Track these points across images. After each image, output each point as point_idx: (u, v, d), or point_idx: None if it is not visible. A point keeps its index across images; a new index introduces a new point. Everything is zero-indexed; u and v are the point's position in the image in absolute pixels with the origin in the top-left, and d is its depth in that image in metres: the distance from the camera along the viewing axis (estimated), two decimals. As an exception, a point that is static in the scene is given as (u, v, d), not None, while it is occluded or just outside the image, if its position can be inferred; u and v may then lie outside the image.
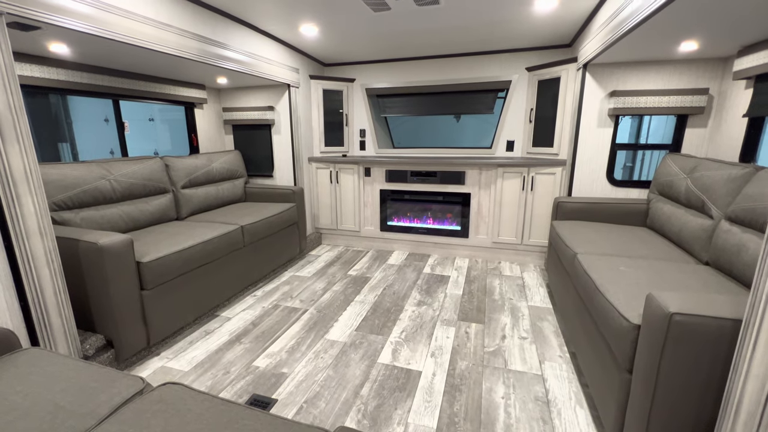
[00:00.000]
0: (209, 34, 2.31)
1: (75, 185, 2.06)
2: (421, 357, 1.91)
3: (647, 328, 1.05)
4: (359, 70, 3.75)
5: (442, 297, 2.62)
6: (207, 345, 2.03)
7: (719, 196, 1.71)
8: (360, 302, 2.54)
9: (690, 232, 1.83)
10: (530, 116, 3.25)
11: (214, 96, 3.52)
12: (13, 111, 1.36)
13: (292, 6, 2.30)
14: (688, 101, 2.35)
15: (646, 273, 1.54)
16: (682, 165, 2.13)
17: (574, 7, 2.29)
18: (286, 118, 3.39)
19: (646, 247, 1.93)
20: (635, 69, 2.49)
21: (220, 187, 3.12)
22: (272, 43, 2.95)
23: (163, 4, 1.99)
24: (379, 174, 3.54)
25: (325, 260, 3.42)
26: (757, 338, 0.77)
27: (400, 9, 2.29)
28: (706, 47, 2.07)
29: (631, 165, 4.58)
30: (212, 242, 2.23)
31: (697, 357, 0.96)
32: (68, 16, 1.54)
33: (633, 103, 2.47)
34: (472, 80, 3.41)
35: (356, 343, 2.04)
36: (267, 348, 2.00)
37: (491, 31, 2.74)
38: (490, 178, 3.21)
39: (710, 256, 1.66)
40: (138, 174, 2.42)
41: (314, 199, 3.79)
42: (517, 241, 3.21)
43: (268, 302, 2.55)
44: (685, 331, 0.95)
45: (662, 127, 4.05)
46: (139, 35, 1.85)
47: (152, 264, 1.83)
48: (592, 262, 1.69)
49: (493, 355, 1.92)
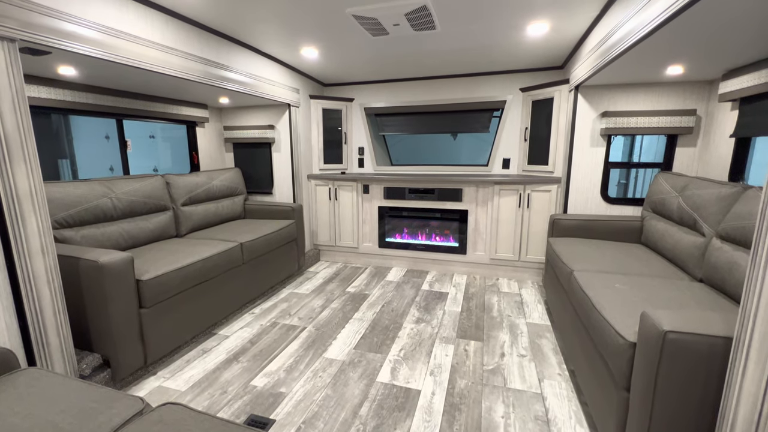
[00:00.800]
0: (213, 56, 2.38)
1: (77, 203, 2.08)
2: (420, 375, 1.90)
3: (642, 346, 1.07)
4: (358, 90, 3.85)
5: (441, 314, 2.62)
6: (204, 364, 2.02)
7: (710, 214, 1.75)
8: (358, 320, 2.53)
9: (683, 250, 1.87)
10: (525, 135, 3.32)
11: (216, 115, 3.59)
12: (22, 132, 1.39)
13: (293, 30, 2.39)
14: (677, 122, 2.43)
15: (641, 290, 1.56)
16: (673, 183, 2.19)
17: (565, 33, 2.39)
18: (286, 137, 3.45)
19: (641, 264, 1.95)
20: (625, 91, 2.57)
21: (219, 204, 3.15)
22: (274, 64, 3.04)
23: (170, 29, 2.06)
24: (378, 191, 3.59)
25: (323, 277, 3.42)
26: (747, 356, 0.79)
27: (398, 34, 2.38)
28: (691, 71, 2.16)
29: (625, 182, 4.66)
30: (211, 260, 2.24)
31: (692, 374, 0.97)
32: (78, 42, 1.60)
33: (624, 124, 2.55)
34: (468, 100, 3.51)
35: (355, 362, 2.03)
36: (265, 367, 1.98)
37: (486, 53, 2.84)
38: (487, 195, 3.25)
39: (704, 274, 1.68)
40: (139, 192, 2.45)
41: (313, 215, 3.82)
42: (514, 257, 3.24)
43: (266, 320, 2.54)
44: (679, 348, 0.97)
45: (654, 145, 4.15)
46: (146, 59, 1.91)
47: (152, 282, 1.84)
48: (588, 280, 1.72)
49: (493, 374, 1.92)
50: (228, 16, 2.16)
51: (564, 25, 2.25)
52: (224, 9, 2.05)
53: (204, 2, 1.95)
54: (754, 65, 1.86)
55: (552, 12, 2.07)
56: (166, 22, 2.03)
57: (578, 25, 2.26)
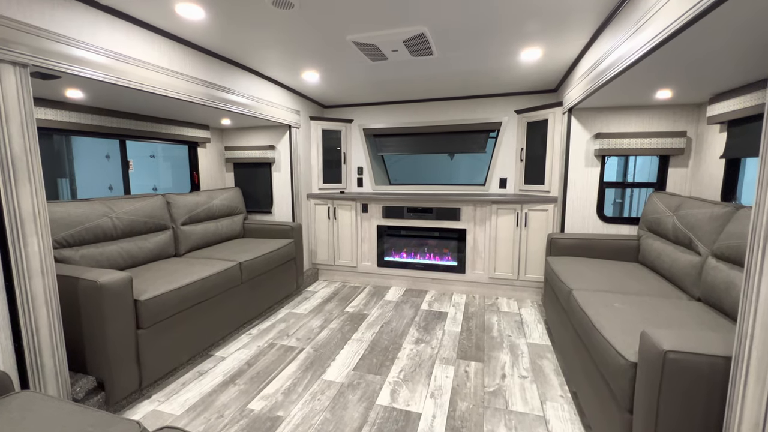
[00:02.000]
0: (217, 80, 2.45)
1: (78, 223, 2.09)
2: (421, 398, 1.87)
3: (643, 366, 1.07)
4: (357, 112, 3.93)
5: (441, 334, 2.59)
6: (200, 387, 1.98)
7: (704, 233, 1.78)
8: (357, 340, 2.50)
9: (680, 269, 1.88)
10: (521, 155, 3.39)
11: (217, 135, 3.65)
12: (28, 153, 1.42)
13: (295, 56, 2.47)
14: (668, 143, 2.49)
15: (640, 309, 1.57)
16: (667, 203, 2.23)
17: (557, 59, 2.48)
18: (287, 157, 3.50)
19: (640, 284, 1.96)
20: (617, 113, 2.65)
21: (219, 223, 3.16)
22: (275, 87, 3.12)
23: (176, 54, 2.13)
24: (376, 210, 3.61)
25: (322, 296, 3.39)
26: (747, 375, 0.79)
27: (396, 59, 2.47)
28: (679, 95, 2.24)
29: (621, 201, 4.72)
30: (210, 279, 2.24)
31: (694, 394, 0.97)
32: (87, 67, 1.65)
33: (617, 145, 2.61)
34: (465, 122, 3.59)
35: (354, 384, 1.99)
36: (262, 390, 1.95)
37: (482, 77, 2.93)
38: (485, 214, 3.28)
39: (701, 293, 1.69)
40: (140, 212, 2.46)
41: (312, 234, 3.82)
42: (513, 276, 3.24)
43: (264, 341, 2.51)
44: (680, 368, 0.97)
45: (648, 165, 4.23)
46: (153, 82, 1.97)
47: (150, 302, 1.83)
48: (587, 299, 1.72)
49: (494, 396, 1.89)
50: (232, 42, 2.24)
51: (556, 51, 2.34)
52: (229, 36, 2.13)
53: (210, 29, 2.03)
54: (739, 90, 1.94)
55: (544, 39, 2.16)
56: (172, 47, 2.10)
57: (570, 52, 2.36)
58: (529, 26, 1.98)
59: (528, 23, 1.94)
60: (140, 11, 1.80)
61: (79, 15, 1.62)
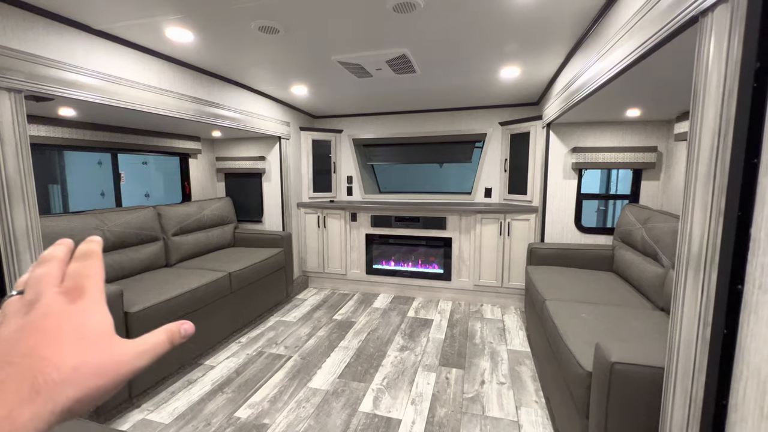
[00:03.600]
0: (206, 96, 2.53)
1: (69, 236, 2.13)
2: (402, 404, 1.95)
3: (596, 376, 1.16)
4: (347, 122, 4.03)
5: (425, 341, 2.68)
6: (189, 395, 2.04)
7: (667, 247, 1.89)
8: (344, 348, 2.58)
9: (647, 279, 1.99)
10: (505, 166, 3.50)
11: (208, 146, 3.72)
12: (22, 174, 1.49)
13: (283, 73, 2.56)
14: (641, 157, 2.61)
15: (606, 319, 1.66)
16: (637, 216, 2.34)
17: (535, 76, 2.59)
18: (277, 167, 3.57)
19: (610, 294, 2.07)
20: (593, 128, 2.77)
21: (210, 233, 3.22)
22: (264, 100, 3.20)
23: (166, 73, 2.21)
24: (365, 219, 3.70)
25: (311, 304, 3.47)
26: (675, 386, 0.89)
27: (381, 76, 2.56)
28: (648, 113, 2.36)
29: (605, 209, 4.85)
30: (200, 290, 2.30)
31: (637, 402, 1.07)
32: (79, 89, 1.72)
33: (593, 158, 2.73)
34: (451, 132, 3.70)
35: (338, 391, 2.07)
36: (249, 398, 2.01)
37: (466, 92, 3.04)
38: (470, 223, 3.38)
39: (664, 303, 1.80)
40: (131, 223, 2.52)
41: (302, 243, 3.90)
42: (497, 283, 3.34)
43: (253, 349, 2.57)
44: (625, 378, 1.07)
45: (628, 177, 4.36)
46: (143, 101, 2.04)
47: (140, 314, 1.89)
48: (558, 309, 1.82)
49: (472, 402, 1.98)
50: (221, 61, 2.32)
51: (533, 70, 2.45)
52: (218, 55, 2.21)
53: (199, 50, 2.11)
54: (701, 110, 2.06)
55: (521, 59, 2.27)
56: (162, 66, 2.18)
57: (546, 70, 2.47)
58: (507, 47, 2.09)
59: (506, 45, 2.05)
60: (131, 34, 1.88)
61: (72, 40, 1.70)
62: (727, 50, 0.76)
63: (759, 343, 0.72)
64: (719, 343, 0.80)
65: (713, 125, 0.80)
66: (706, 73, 0.81)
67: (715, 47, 0.79)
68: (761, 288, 0.71)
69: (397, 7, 1.59)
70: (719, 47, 0.78)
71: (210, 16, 1.68)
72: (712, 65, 0.80)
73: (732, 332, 0.78)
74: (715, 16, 0.79)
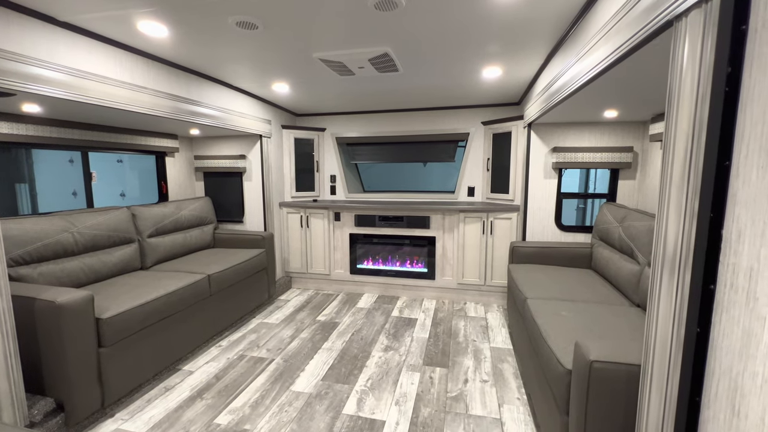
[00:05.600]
0: (183, 93, 2.44)
1: (36, 239, 2.04)
2: (386, 405, 1.94)
3: (576, 374, 1.18)
4: (329, 121, 3.98)
5: (409, 341, 2.68)
6: (166, 403, 1.97)
7: (643, 245, 1.94)
8: (327, 349, 2.55)
9: (624, 277, 2.04)
10: (488, 165, 3.53)
11: (186, 144, 3.61)
12: (-20, 175, 1.39)
13: (263, 69, 2.50)
14: (618, 157, 2.68)
15: (584, 317, 1.70)
16: (615, 214, 2.40)
17: (517, 77, 2.62)
18: (258, 166, 3.50)
19: (589, 291, 2.11)
20: (572, 128, 2.82)
21: (188, 234, 3.13)
22: (245, 97, 3.13)
23: (139, 68, 2.12)
24: (349, 218, 3.67)
25: (294, 305, 3.42)
26: (651, 384, 0.91)
27: (363, 75, 2.54)
28: (625, 114, 2.42)
29: (584, 206, 4.98)
30: (177, 293, 2.23)
31: (615, 400, 1.09)
32: (44, 84, 1.63)
33: (572, 158, 2.79)
34: (435, 131, 3.70)
35: (322, 394, 2.04)
36: (230, 403, 1.97)
37: (448, 91, 3.05)
38: (453, 222, 3.40)
39: (640, 299, 1.85)
40: (103, 225, 2.42)
41: (284, 243, 3.83)
42: (480, 282, 3.37)
43: (234, 353, 2.51)
44: (603, 376, 1.09)
45: (605, 176, 4.48)
46: (115, 98, 1.95)
47: (113, 320, 1.81)
48: (539, 307, 1.84)
49: (456, 400, 1.99)
50: (199, 57, 2.25)
51: (515, 70, 2.48)
52: (195, 51, 2.14)
53: (175, 45, 2.03)
54: (674, 112, 2.12)
55: (503, 59, 2.29)
56: (135, 61, 2.09)
57: (527, 71, 2.50)
58: (489, 47, 2.10)
59: (488, 45, 2.05)
60: (100, 27, 1.79)
61: (36, 32, 1.60)
62: (700, 55, 0.78)
63: (730, 341, 0.74)
64: (693, 342, 0.82)
65: (687, 128, 0.81)
66: (681, 77, 0.82)
67: (689, 52, 0.81)
68: (732, 287, 0.73)
69: (379, 5, 1.57)
70: (693, 52, 0.80)
71: (184, 9, 1.62)
72: (686, 69, 0.81)
73: (705, 331, 0.80)
74: (689, 21, 0.81)
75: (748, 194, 0.70)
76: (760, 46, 0.68)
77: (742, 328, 0.70)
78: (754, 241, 0.68)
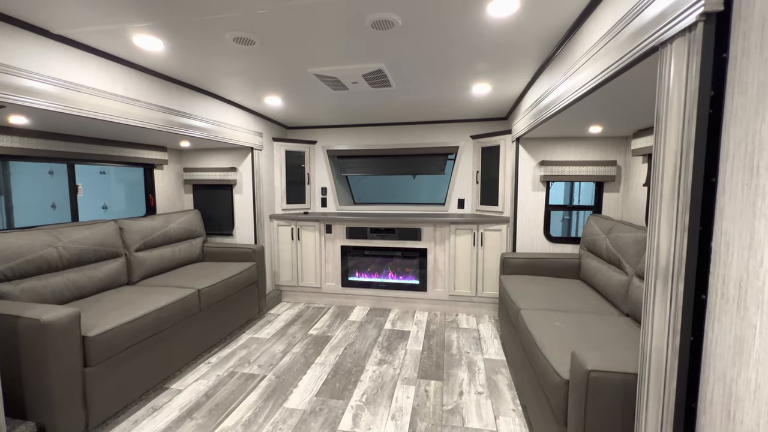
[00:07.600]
0: (175, 105, 2.43)
1: (18, 255, 1.96)
2: (382, 421, 1.92)
3: (573, 384, 1.20)
4: (321, 134, 4.00)
5: (403, 354, 2.66)
6: (154, 424, 1.90)
7: (630, 255, 2.01)
8: (320, 364, 2.51)
9: (612, 287, 2.10)
10: (477, 178, 3.60)
11: (175, 156, 3.56)
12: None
13: (257, 84, 2.51)
14: (602, 171, 2.78)
15: (577, 327, 1.73)
16: (601, 226, 2.48)
17: (505, 93, 2.71)
18: (249, 179, 3.48)
19: (579, 301, 2.16)
20: (559, 143, 2.92)
21: (176, 247, 3.06)
22: (236, 110, 3.13)
23: (132, 81, 2.10)
24: (340, 231, 3.66)
25: (285, 319, 3.36)
26: (648, 392, 0.93)
27: (356, 90, 2.58)
28: (608, 130, 2.53)
29: (569, 218, 5.11)
30: (166, 309, 2.17)
31: (613, 408, 1.11)
32: (35, 96, 1.60)
33: (559, 172, 2.87)
34: (424, 145, 3.77)
35: (316, 410, 2.01)
36: (221, 422, 1.91)
37: (439, 106, 3.12)
38: (444, 234, 3.44)
39: (629, 309, 1.90)
40: (89, 240, 2.35)
41: (275, 256, 3.79)
42: (472, 293, 3.39)
43: (224, 369, 2.45)
44: (601, 385, 1.11)
45: (589, 189, 4.63)
46: (107, 110, 1.93)
47: (99, 338, 1.75)
48: (532, 318, 1.87)
49: (451, 414, 1.98)
50: (193, 71, 2.25)
51: (503, 87, 2.56)
52: (190, 65, 2.14)
53: (169, 59, 2.03)
54: (655, 128, 2.23)
55: (492, 76, 2.37)
56: (129, 74, 2.08)
57: (515, 88, 2.59)
58: (479, 66, 2.17)
59: (477, 64, 2.13)
60: (95, 41, 1.78)
61: (28, 44, 1.58)
62: (686, 79, 0.83)
63: (723, 349, 0.77)
64: (687, 350, 0.85)
65: (676, 147, 0.86)
66: (668, 99, 0.88)
67: (675, 75, 0.86)
68: (723, 297, 0.77)
69: (376, 24, 1.62)
70: (679, 75, 0.85)
71: (183, 24, 1.63)
72: (673, 91, 0.87)
73: (698, 339, 0.84)
74: (674, 47, 0.87)
75: (735, 209, 0.75)
76: (740, 74, 0.74)
77: (734, 335, 0.74)
78: (741, 253, 0.73)
